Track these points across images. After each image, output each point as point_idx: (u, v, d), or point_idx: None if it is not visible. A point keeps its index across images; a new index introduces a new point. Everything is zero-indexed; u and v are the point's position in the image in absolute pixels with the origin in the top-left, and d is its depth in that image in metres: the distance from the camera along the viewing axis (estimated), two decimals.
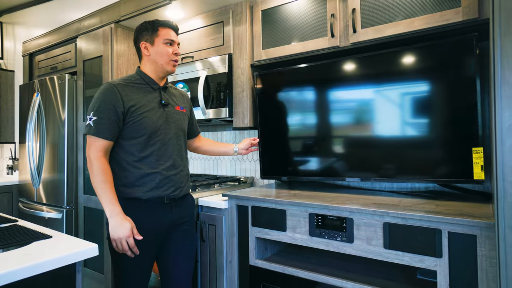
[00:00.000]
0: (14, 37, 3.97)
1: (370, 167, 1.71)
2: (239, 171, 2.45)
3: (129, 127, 1.35)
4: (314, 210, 1.51)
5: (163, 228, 1.41)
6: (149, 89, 1.43)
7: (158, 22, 1.43)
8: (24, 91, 3.08)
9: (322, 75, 1.84)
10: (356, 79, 1.73)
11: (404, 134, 1.61)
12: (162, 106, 1.42)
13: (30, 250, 1.03)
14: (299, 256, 1.75)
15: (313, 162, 1.90)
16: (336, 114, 1.81)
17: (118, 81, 1.39)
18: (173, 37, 1.44)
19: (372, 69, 1.67)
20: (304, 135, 1.93)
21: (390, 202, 1.49)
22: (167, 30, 1.43)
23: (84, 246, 1.08)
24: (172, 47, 1.43)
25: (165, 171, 1.39)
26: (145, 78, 1.43)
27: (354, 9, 1.65)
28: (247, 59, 2.02)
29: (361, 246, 1.39)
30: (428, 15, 1.46)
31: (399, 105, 1.60)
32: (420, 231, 1.26)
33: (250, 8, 2.04)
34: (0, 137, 3.68)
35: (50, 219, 2.70)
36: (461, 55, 1.43)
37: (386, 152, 1.67)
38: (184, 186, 1.47)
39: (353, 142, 1.76)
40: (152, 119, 1.37)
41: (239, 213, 1.76)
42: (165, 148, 1.40)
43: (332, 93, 1.82)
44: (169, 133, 1.42)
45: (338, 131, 1.81)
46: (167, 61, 1.42)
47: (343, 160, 1.80)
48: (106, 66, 2.46)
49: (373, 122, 1.69)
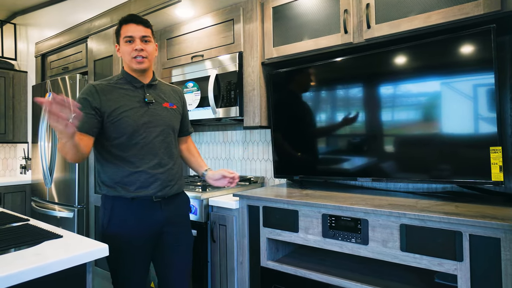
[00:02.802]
0: (27, 39, 4.02)
1: (383, 167, 1.66)
2: (249, 170, 2.42)
3: (110, 128, 1.33)
4: (327, 211, 1.48)
5: (155, 228, 1.38)
6: (131, 87, 1.40)
7: (120, 22, 1.39)
8: (36, 92, 3.11)
9: (338, 73, 1.80)
10: (375, 75, 1.68)
11: (421, 132, 1.56)
12: (145, 104, 1.39)
13: (41, 250, 1.02)
14: (312, 257, 1.71)
15: (326, 161, 1.86)
16: (352, 112, 1.76)
17: (99, 81, 1.40)
18: (131, 32, 1.36)
19: (384, 66, 1.62)
20: (317, 134, 1.89)
21: (406, 203, 1.44)
22: (127, 27, 1.37)
23: (94, 246, 1.06)
24: (132, 43, 1.36)
25: (151, 169, 1.36)
26: (127, 77, 1.41)
27: (368, 4, 1.60)
28: (258, 57, 1.99)
29: (376, 248, 1.35)
30: (445, 9, 1.40)
31: (416, 102, 1.55)
32: (439, 233, 1.21)
33: (260, 5, 2.01)
34: (13, 137, 3.73)
35: (62, 218, 2.71)
36: (480, 49, 1.37)
37: (400, 151, 1.62)
38: (174, 184, 1.42)
39: (368, 141, 1.72)
40: (132, 118, 1.34)
41: (250, 214, 1.73)
42: (150, 147, 1.37)
43: (348, 91, 1.78)
44: (155, 131, 1.38)
45: (353, 130, 1.76)
46: (129, 59, 1.37)
47: (357, 159, 1.75)
48: (116, 65, 2.46)
49: (387, 120, 1.64)
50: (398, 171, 1.63)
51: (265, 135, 2.34)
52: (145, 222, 1.36)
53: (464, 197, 1.55)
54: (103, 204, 1.39)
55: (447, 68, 1.47)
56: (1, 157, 3.92)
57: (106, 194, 1.37)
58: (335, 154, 1.83)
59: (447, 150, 1.49)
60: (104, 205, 1.38)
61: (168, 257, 1.43)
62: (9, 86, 3.73)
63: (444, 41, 1.45)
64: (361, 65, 1.71)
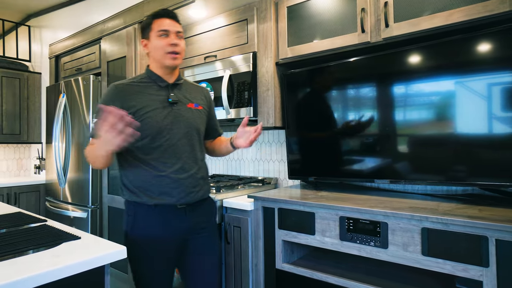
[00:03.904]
0: (41, 40, 4.08)
1: (401, 168, 1.63)
2: (262, 171, 2.40)
3: None
4: (345, 213, 1.45)
5: (179, 235, 1.32)
6: (156, 87, 1.34)
7: (152, 14, 1.32)
8: (50, 93, 3.15)
9: (354, 73, 1.77)
10: (392, 75, 1.65)
11: (440, 132, 1.52)
12: (169, 104, 1.33)
13: (59, 252, 1.02)
14: (327, 260, 1.69)
15: (341, 162, 1.83)
16: (368, 112, 1.73)
17: (122, 81, 1.35)
18: (167, 26, 1.30)
19: (400, 65, 1.58)
20: (332, 135, 1.86)
21: (427, 206, 1.40)
22: (161, 21, 1.30)
23: (113, 248, 1.06)
24: (167, 38, 1.30)
25: (174, 174, 1.29)
26: (152, 76, 1.35)
27: (387, 3, 1.57)
28: (272, 57, 1.97)
29: (396, 252, 1.32)
30: (468, 6, 1.36)
31: (435, 102, 1.51)
32: (463, 237, 1.17)
33: (275, 4, 1.99)
34: (28, 137, 3.79)
35: (76, 218, 2.74)
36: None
37: (418, 152, 1.58)
38: (198, 190, 1.35)
39: (384, 142, 1.68)
40: (155, 119, 1.28)
41: (265, 215, 1.71)
42: (173, 150, 1.30)
43: (364, 92, 1.75)
44: (178, 133, 1.32)
45: (369, 130, 1.73)
46: (163, 54, 1.30)
47: (373, 160, 1.72)
48: (129, 66, 2.47)
49: (404, 120, 1.60)
50: (416, 173, 1.59)
51: (278, 135, 2.31)
52: (169, 230, 1.30)
53: (486, 200, 1.50)
54: (126, 209, 1.35)
55: (472, 66, 1.42)
56: (16, 157, 3.98)
57: (128, 200, 1.33)
58: (351, 155, 1.80)
59: (468, 151, 1.45)
60: (128, 211, 1.33)
61: (194, 265, 1.37)
62: (24, 87, 3.78)
63: (468, 39, 1.41)
64: (378, 64, 1.67)
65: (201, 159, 1.41)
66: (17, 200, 3.33)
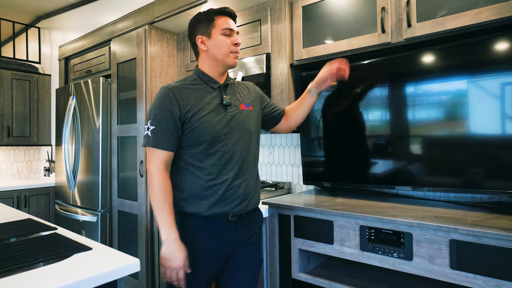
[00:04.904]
0: (50, 42, 4.07)
1: (423, 174, 1.55)
2: (275, 175, 2.34)
3: (188, 134, 1.21)
4: (365, 223, 1.38)
5: (227, 250, 1.25)
6: (209, 89, 1.26)
7: (213, 11, 1.26)
8: (60, 95, 3.13)
9: (373, 75, 1.70)
10: (413, 76, 1.58)
11: (466, 137, 1.44)
12: (223, 107, 1.25)
13: (71, 264, 0.98)
14: (345, 270, 1.62)
15: (359, 168, 1.76)
16: (390, 115, 1.66)
17: (174, 83, 1.26)
18: (231, 26, 1.26)
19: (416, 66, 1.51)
20: (350, 139, 1.79)
21: (454, 215, 1.33)
22: (224, 19, 1.25)
23: (126, 261, 1.01)
24: (231, 37, 1.26)
25: (229, 181, 1.22)
26: (203, 77, 1.28)
27: (409, 1, 1.49)
28: (286, 59, 1.91)
29: (422, 265, 1.25)
30: (498, 4, 1.28)
31: (459, 105, 1.44)
32: (496, 251, 1.09)
33: (289, 4, 1.93)
34: (37, 139, 3.79)
35: (85, 222, 2.71)
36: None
37: (442, 158, 1.50)
38: (252, 197, 1.28)
39: (405, 147, 1.61)
40: (211, 123, 1.21)
41: (280, 223, 1.65)
42: (229, 155, 1.23)
43: (383, 94, 1.67)
44: (233, 137, 1.24)
45: (388, 134, 1.66)
46: (227, 53, 1.25)
47: (394, 166, 1.65)
48: (140, 68, 2.43)
49: (428, 124, 1.53)
50: (440, 180, 1.51)
51: (292, 139, 2.25)
52: (219, 244, 1.23)
53: None
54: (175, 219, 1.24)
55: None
56: (26, 160, 3.98)
57: (177, 210, 1.24)
58: (370, 160, 1.73)
59: (498, 156, 1.37)
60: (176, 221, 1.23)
61: (235, 279, 1.30)
62: (34, 89, 3.78)
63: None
64: (400, 66, 1.60)
65: (254, 163, 1.33)
66: (27, 203, 3.33)
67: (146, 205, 2.34)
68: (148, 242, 2.33)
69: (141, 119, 2.39)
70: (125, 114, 2.58)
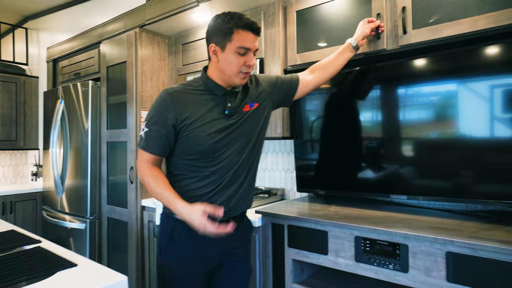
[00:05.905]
0: (38, 43, 3.98)
1: (419, 183, 1.54)
2: (268, 181, 2.31)
3: (183, 143, 1.18)
4: (361, 233, 1.35)
5: (214, 260, 1.25)
6: (212, 96, 1.22)
7: (237, 22, 1.14)
8: (48, 98, 3.05)
9: (367, 81, 1.68)
10: (404, 83, 1.56)
11: (463, 146, 1.43)
12: (225, 116, 1.21)
13: (54, 284, 0.93)
14: (339, 280, 1.60)
15: (354, 175, 1.74)
16: (384, 122, 1.64)
17: (177, 87, 1.22)
18: (249, 43, 1.16)
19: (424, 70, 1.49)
20: (344, 146, 1.77)
21: (449, 226, 1.31)
22: (246, 34, 1.15)
23: (113, 279, 0.96)
24: (246, 56, 1.17)
25: (223, 185, 1.21)
26: (208, 83, 1.22)
27: (405, 8, 1.48)
28: (280, 64, 1.88)
29: (418, 277, 1.22)
30: (497, 12, 1.27)
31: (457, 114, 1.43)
32: (494, 264, 1.08)
33: (283, 9, 1.90)
34: (24, 143, 3.68)
35: (73, 230, 2.63)
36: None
37: (440, 167, 1.49)
38: (241, 204, 1.27)
39: (400, 155, 1.59)
40: (208, 134, 1.17)
41: (273, 232, 1.62)
42: (227, 162, 1.20)
43: (379, 100, 1.65)
44: (230, 148, 1.21)
45: (383, 143, 1.64)
46: (235, 72, 1.17)
47: (389, 174, 1.63)
48: (130, 72, 2.38)
49: (424, 136, 1.52)
50: (435, 189, 1.50)
51: (285, 145, 2.22)
52: (206, 254, 1.22)
53: (510, 218, 1.41)
54: (162, 223, 1.26)
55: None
56: (12, 164, 3.87)
57: (167, 213, 1.24)
58: (364, 168, 1.70)
59: (498, 165, 1.36)
60: (163, 225, 1.25)
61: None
62: (21, 91, 3.68)
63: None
64: (396, 72, 1.58)
65: (253, 172, 1.31)
66: (13, 209, 3.23)
67: (136, 212, 2.28)
68: (138, 250, 2.27)
69: (132, 124, 2.34)
70: (115, 119, 2.52)
